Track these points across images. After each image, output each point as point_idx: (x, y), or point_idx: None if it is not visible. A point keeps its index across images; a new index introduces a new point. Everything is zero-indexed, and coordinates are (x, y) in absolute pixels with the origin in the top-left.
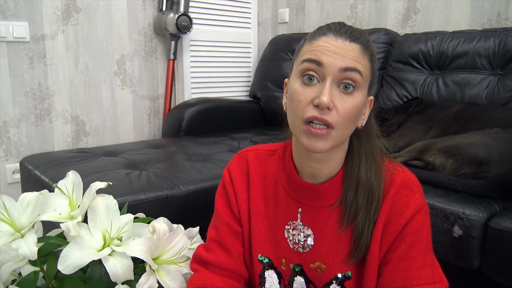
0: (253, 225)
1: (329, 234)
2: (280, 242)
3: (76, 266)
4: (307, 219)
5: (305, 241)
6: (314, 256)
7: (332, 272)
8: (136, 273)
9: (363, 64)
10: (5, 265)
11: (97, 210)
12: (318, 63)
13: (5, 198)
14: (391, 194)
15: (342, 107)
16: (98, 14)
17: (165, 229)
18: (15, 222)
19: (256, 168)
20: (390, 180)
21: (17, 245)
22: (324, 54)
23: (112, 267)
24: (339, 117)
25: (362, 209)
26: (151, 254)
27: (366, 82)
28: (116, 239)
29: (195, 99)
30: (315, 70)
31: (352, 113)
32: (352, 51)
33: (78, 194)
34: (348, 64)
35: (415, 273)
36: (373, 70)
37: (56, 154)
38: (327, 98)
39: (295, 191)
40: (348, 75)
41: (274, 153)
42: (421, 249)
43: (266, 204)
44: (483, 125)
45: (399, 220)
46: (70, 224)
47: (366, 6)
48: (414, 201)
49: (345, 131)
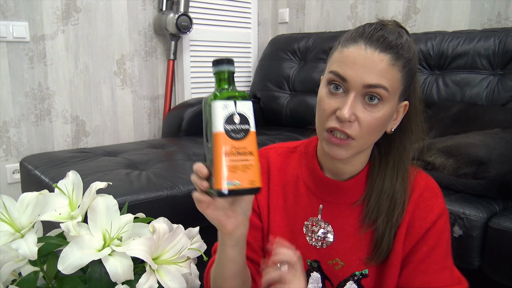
0: (272, 219)
1: (349, 232)
2: (298, 237)
3: (76, 266)
4: (328, 215)
5: (325, 238)
6: (333, 253)
7: (350, 270)
8: (136, 273)
9: (390, 77)
10: (5, 265)
11: (97, 210)
12: (342, 78)
13: (5, 198)
14: (415, 196)
15: (365, 119)
16: (98, 14)
17: (165, 229)
18: (15, 222)
19: (277, 164)
20: (413, 183)
21: (17, 245)
22: (349, 68)
23: (112, 267)
24: (360, 129)
25: (383, 213)
26: (151, 254)
27: (396, 92)
28: (116, 239)
29: (195, 99)
30: (341, 84)
31: (376, 125)
32: (380, 64)
33: (78, 194)
34: (373, 80)
35: (434, 276)
36: (409, 76)
37: (56, 154)
38: (347, 112)
39: (317, 187)
40: (372, 90)
41: (295, 150)
42: (441, 253)
43: (285, 199)
44: (483, 126)
45: (423, 224)
46: (70, 224)
47: (366, 6)
48: (438, 205)
49: (368, 142)
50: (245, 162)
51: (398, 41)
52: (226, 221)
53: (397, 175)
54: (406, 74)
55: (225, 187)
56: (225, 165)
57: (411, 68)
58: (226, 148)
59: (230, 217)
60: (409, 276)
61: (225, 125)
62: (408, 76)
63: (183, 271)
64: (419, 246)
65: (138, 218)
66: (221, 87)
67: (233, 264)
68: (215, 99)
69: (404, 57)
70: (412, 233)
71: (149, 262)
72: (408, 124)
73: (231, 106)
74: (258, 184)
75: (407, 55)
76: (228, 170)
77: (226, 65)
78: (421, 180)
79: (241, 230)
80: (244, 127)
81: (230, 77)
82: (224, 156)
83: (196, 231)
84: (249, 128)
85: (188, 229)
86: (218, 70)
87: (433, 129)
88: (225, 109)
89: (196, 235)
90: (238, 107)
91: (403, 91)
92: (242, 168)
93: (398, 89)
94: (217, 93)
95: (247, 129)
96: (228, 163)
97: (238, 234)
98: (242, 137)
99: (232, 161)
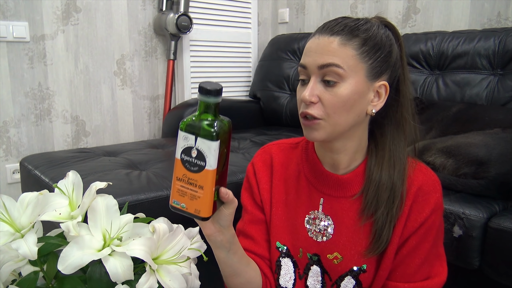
0: (274, 213)
1: (348, 225)
2: (299, 231)
3: (76, 266)
4: (328, 208)
5: (325, 231)
6: (332, 246)
7: (348, 264)
8: (136, 273)
9: (343, 55)
10: (5, 265)
11: (97, 210)
12: (303, 66)
13: (5, 198)
14: (414, 190)
15: (326, 99)
16: (98, 14)
17: (165, 229)
18: (15, 222)
19: (279, 159)
20: (412, 176)
21: (17, 245)
22: (307, 56)
23: (112, 267)
24: (325, 109)
25: (383, 205)
26: (151, 254)
27: (354, 69)
28: (116, 239)
29: (195, 99)
30: (304, 73)
31: (340, 103)
32: (330, 46)
33: (78, 194)
34: (324, 60)
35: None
36: (371, 54)
37: (56, 154)
38: (307, 94)
39: (318, 180)
40: (327, 70)
41: (297, 146)
42: (427, 247)
43: (287, 193)
44: (483, 126)
45: (418, 217)
46: (70, 224)
47: (366, 6)
48: (434, 200)
49: (338, 121)
50: (194, 192)
51: (352, 23)
52: (203, 226)
53: (394, 166)
54: (365, 52)
55: (173, 204)
56: (175, 187)
57: (374, 47)
58: (179, 174)
59: (206, 223)
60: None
61: (182, 154)
62: (369, 54)
63: (183, 271)
64: (410, 239)
65: (138, 218)
66: (199, 116)
67: (225, 265)
68: (181, 127)
69: (360, 36)
70: (407, 226)
71: (149, 262)
72: (402, 114)
73: (191, 140)
74: (203, 214)
75: (364, 35)
76: (177, 192)
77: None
78: (420, 173)
79: (219, 237)
80: (199, 163)
81: (212, 107)
82: (177, 180)
83: (196, 231)
84: (204, 166)
85: (188, 229)
86: (201, 99)
87: (433, 129)
88: (185, 141)
89: (196, 235)
90: (198, 143)
91: (370, 70)
92: (189, 196)
93: (356, 66)
94: (186, 121)
95: (202, 166)
96: (178, 187)
97: (218, 240)
98: (195, 170)
99: (182, 186)
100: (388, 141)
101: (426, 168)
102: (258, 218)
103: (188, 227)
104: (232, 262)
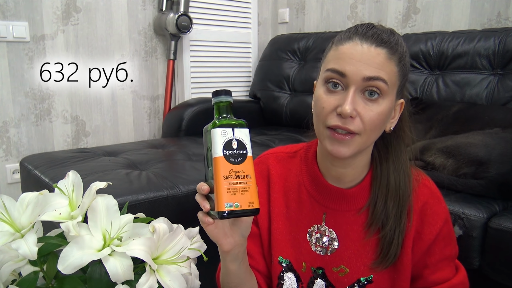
0: (274, 227)
1: (354, 238)
2: (301, 244)
3: (76, 266)
4: (332, 222)
5: (330, 245)
6: (338, 260)
7: (355, 276)
8: (136, 273)
9: (388, 70)
10: (5, 265)
11: (97, 210)
12: (341, 74)
13: (5, 198)
14: (421, 204)
15: (367, 115)
16: (98, 14)
17: (165, 229)
18: (15, 222)
19: (277, 171)
20: (418, 190)
21: (17, 245)
22: (347, 63)
23: (112, 267)
24: (363, 125)
25: (391, 219)
26: (151, 254)
27: (393, 87)
28: (116, 239)
29: (195, 99)
30: (341, 81)
31: (378, 120)
32: (377, 58)
33: (78, 194)
34: (372, 73)
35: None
36: (403, 72)
37: (56, 154)
38: (349, 107)
39: (320, 194)
40: (372, 83)
41: (295, 155)
42: (451, 251)
43: (288, 206)
44: (483, 125)
45: (432, 229)
46: (70, 224)
47: (366, 6)
48: (442, 210)
49: (370, 138)
50: (244, 185)
51: (391, 37)
52: (224, 241)
53: (400, 175)
54: (401, 69)
55: (225, 209)
56: (224, 188)
57: (405, 65)
58: (225, 172)
59: (228, 237)
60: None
61: (224, 150)
62: (403, 72)
63: (183, 271)
64: (432, 250)
65: (138, 218)
66: (220, 116)
67: (235, 276)
68: (214, 127)
69: (399, 51)
70: (422, 239)
71: (149, 262)
72: (401, 126)
73: (229, 132)
74: (257, 206)
75: (401, 50)
76: (227, 193)
77: (224, 96)
78: (425, 187)
79: (238, 249)
80: (241, 152)
81: (228, 107)
82: (224, 180)
83: (196, 231)
84: (247, 153)
85: (188, 229)
86: (217, 100)
87: (433, 129)
88: (224, 135)
89: (196, 235)
90: (236, 133)
91: (399, 87)
92: (241, 191)
93: (395, 84)
94: (216, 122)
95: (245, 154)
96: (227, 186)
97: (236, 253)
98: (240, 161)
99: (231, 184)
100: (391, 153)
101: (429, 181)
102: (252, 232)
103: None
104: (241, 272)
